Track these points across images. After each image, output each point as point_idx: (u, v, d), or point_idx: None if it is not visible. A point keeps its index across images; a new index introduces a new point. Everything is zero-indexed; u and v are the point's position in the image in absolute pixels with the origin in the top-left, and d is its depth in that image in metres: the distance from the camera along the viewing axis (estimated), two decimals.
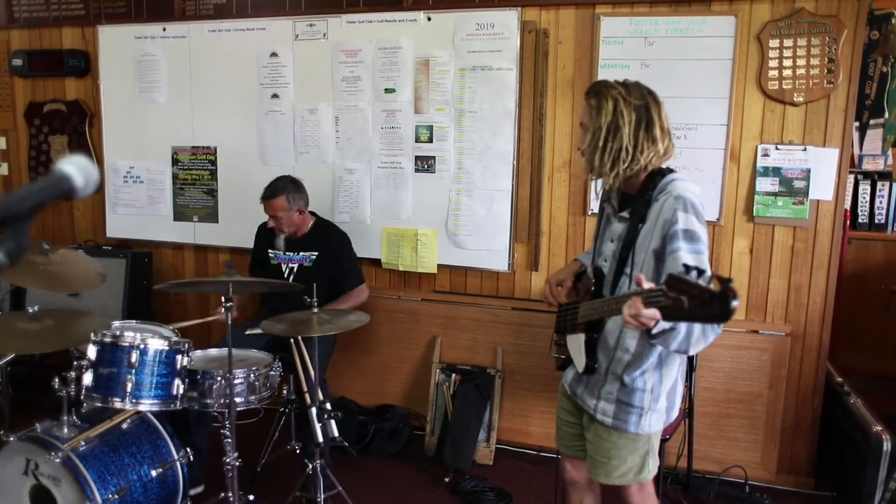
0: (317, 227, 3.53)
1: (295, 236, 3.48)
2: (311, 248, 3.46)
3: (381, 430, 3.74)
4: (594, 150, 1.96)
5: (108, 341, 2.61)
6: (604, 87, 1.99)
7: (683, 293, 1.41)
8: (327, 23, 3.83)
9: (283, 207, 3.33)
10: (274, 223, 3.39)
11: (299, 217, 3.42)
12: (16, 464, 2.63)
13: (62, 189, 0.94)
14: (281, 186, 3.34)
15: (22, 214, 0.87)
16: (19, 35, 4.52)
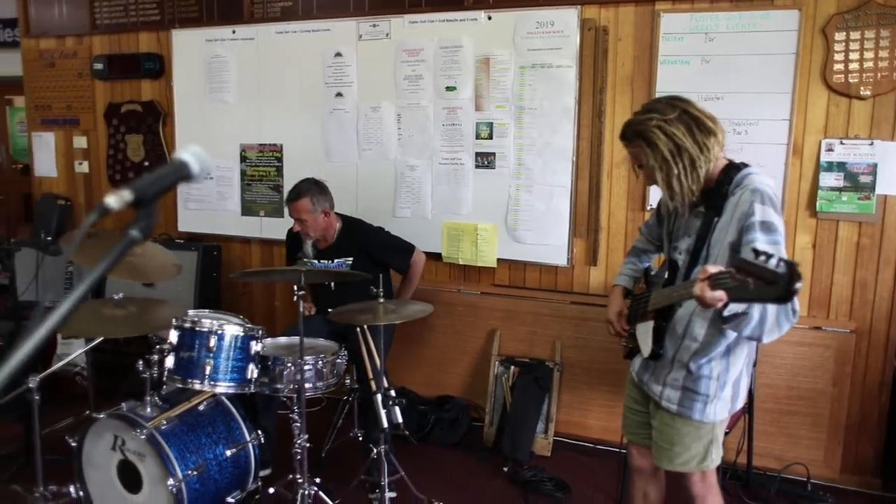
0: (344, 231, 3.50)
1: (325, 243, 3.48)
2: (345, 254, 3.47)
3: (440, 420, 3.83)
4: (671, 179, 1.98)
5: (189, 327, 2.76)
6: (639, 125, 2.02)
7: (749, 275, 1.46)
8: (390, 23, 3.94)
9: (308, 209, 3.32)
10: (300, 226, 3.37)
11: (324, 219, 3.39)
12: (105, 440, 2.80)
13: (182, 174, 1.04)
14: (304, 188, 3.34)
15: (151, 197, 0.98)
16: (100, 41, 4.78)
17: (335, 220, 3.48)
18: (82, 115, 4.93)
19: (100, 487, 2.88)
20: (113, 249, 0.97)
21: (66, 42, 4.91)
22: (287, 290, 4.43)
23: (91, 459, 2.88)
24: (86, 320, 2.98)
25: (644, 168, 2.06)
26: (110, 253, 0.96)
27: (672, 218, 2.23)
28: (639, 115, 2.04)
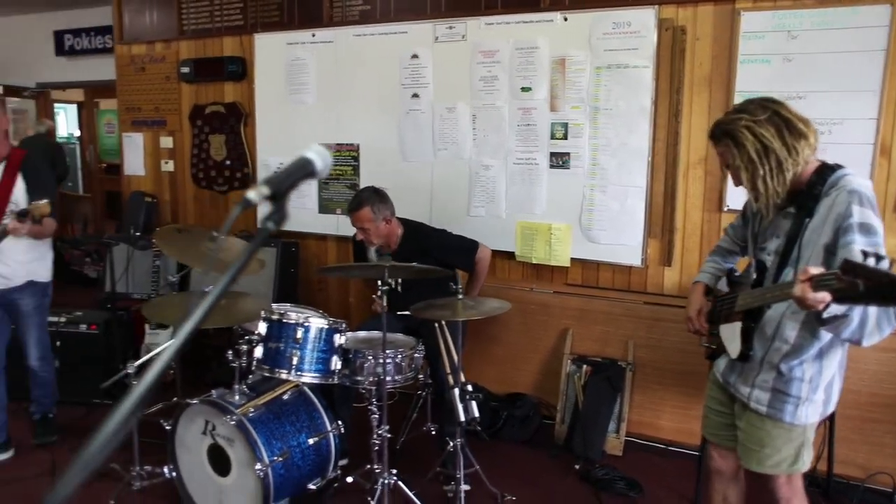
0: (407, 236, 3.54)
1: (388, 249, 3.53)
2: (408, 258, 3.44)
3: (512, 417, 3.88)
4: (756, 180, 1.98)
5: (276, 319, 2.88)
6: (728, 124, 2.02)
7: (859, 276, 1.45)
8: (466, 25, 4.00)
9: (370, 218, 3.36)
10: (362, 235, 3.42)
11: (386, 227, 3.44)
12: (197, 424, 2.96)
13: (307, 171, 1.12)
14: (365, 198, 3.38)
15: (284, 191, 1.06)
16: (187, 45, 5.00)
17: (397, 226, 3.53)
18: (169, 116, 5.17)
19: (191, 469, 3.04)
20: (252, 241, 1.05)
21: (155, 47, 5.16)
22: (360, 286, 4.55)
23: (183, 442, 3.04)
24: (179, 311, 3.16)
25: (730, 168, 2.07)
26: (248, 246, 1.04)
27: (758, 219, 2.22)
28: (729, 114, 2.05)
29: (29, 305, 3.52)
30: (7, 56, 8.86)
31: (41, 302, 3.58)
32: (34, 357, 3.63)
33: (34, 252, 3.47)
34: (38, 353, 3.64)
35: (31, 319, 3.55)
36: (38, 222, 3.08)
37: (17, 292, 3.45)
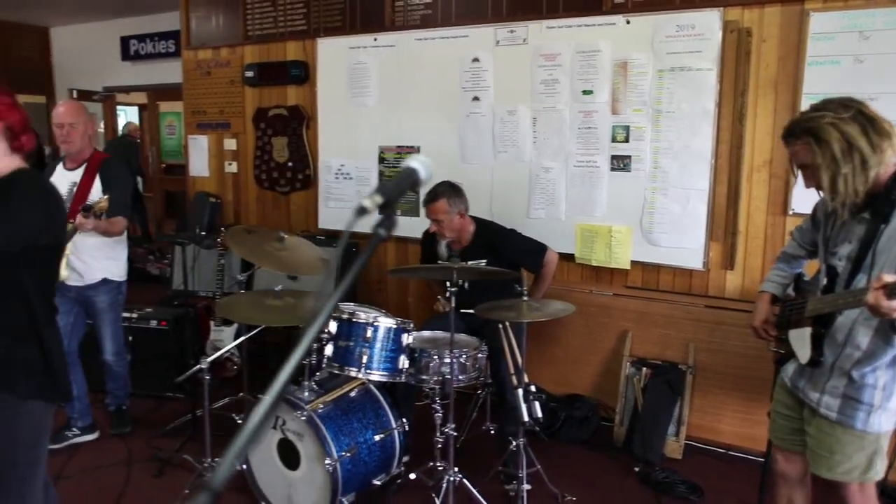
0: (479, 233, 3.59)
1: (459, 245, 3.59)
2: (479, 255, 3.56)
3: (570, 418, 3.90)
4: (837, 178, 1.96)
5: (346, 318, 2.97)
6: (809, 121, 2.00)
7: None
8: (527, 28, 4.04)
9: (445, 210, 3.43)
10: (436, 227, 3.48)
11: (460, 220, 3.50)
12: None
13: (413, 180, 1.18)
14: (441, 190, 3.45)
15: (394, 199, 1.12)
16: (251, 50, 5.14)
17: (469, 222, 3.59)
18: (233, 119, 5.32)
19: (261, 462, 3.14)
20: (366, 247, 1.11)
21: (220, 52, 5.32)
22: (420, 286, 4.63)
23: None
24: (248, 309, 3.27)
25: (808, 167, 2.05)
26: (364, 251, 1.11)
27: (830, 222, 2.20)
28: (807, 113, 2.03)
29: (104, 303, 3.64)
30: (78, 62, 9.22)
31: (115, 299, 3.70)
32: (109, 352, 3.77)
33: (108, 251, 3.61)
34: (112, 349, 3.78)
35: (105, 316, 3.68)
36: (99, 217, 3.12)
37: (92, 290, 3.58)
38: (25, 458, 2.09)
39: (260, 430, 0.89)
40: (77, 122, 3.43)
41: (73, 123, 3.42)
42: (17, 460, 2.07)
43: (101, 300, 3.63)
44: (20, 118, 2.05)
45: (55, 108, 3.50)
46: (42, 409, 2.11)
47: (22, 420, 2.06)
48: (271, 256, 3.42)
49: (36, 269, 2.05)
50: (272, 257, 3.42)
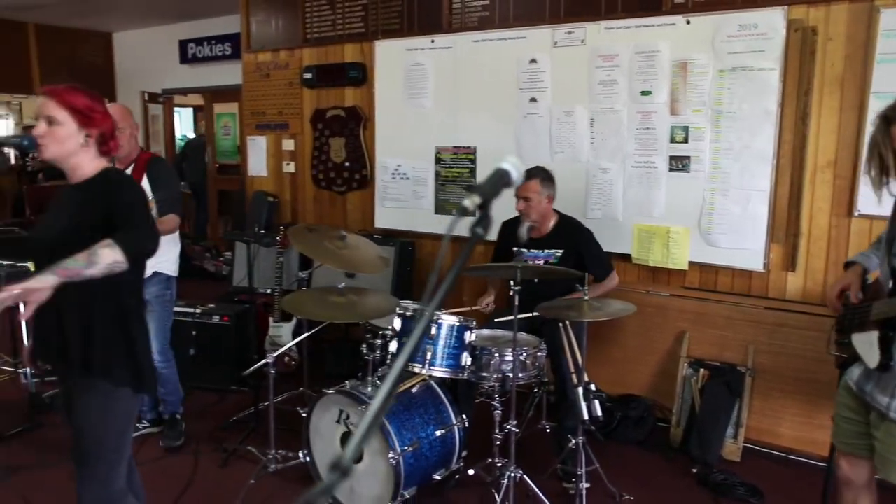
0: (560, 224, 3.68)
1: (538, 233, 3.66)
2: (556, 245, 3.64)
3: (626, 418, 3.91)
4: None
5: (411, 315, 3.03)
6: None
7: None
8: (585, 30, 4.05)
9: (537, 190, 3.53)
10: (523, 207, 3.55)
11: (546, 205, 3.59)
12: (331, 413, 3.14)
13: (505, 181, 1.22)
14: (536, 171, 3.57)
15: (490, 199, 1.17)
16: (310, 53, 5.26)
17: (552, 213, 3.68)
18: (291, 120, 5.45)
19: (324, 454, 3.23)
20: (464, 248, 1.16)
21: (279, 55, 5.45)
22: (475, 284, 4.67)
23: (317, 429, 3.23)
24: (313, 305, 3.36)
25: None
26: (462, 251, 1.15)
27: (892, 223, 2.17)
28: None
29: (151, 295, 3.56)
30: (139, 65, 9.52)
31: (163, 294, 3.67)
32: (154, 350, 3.61)
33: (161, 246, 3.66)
34: (157, 346, 3.63)
35: (149, 308, 3.54)
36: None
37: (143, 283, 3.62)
38: (115, 442, 2.22)
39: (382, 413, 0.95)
40: (124, 127, 3.40)
41: (120, 129, 3.30)
42: (107, 443, 2.20)
43: (149, 292, 3.55)
44: (111, 125, 2.19)
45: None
46: (131, 397, 2.23)
47: (115, 405, 2.18)
48: (332, 254, 3.51)
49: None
50: (333, 255, 3.51)
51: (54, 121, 2.07)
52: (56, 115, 2.06)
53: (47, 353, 2.25)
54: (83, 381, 2.16)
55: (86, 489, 2.21)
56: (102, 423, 2.18)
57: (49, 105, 2.07)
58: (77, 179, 2.16)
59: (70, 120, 2.08)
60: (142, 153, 3.58)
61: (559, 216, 3.72)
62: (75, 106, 2.08)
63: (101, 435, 2.18)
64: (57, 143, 2.07)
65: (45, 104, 2.07)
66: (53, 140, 2.07)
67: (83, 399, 2.17)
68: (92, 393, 2.16)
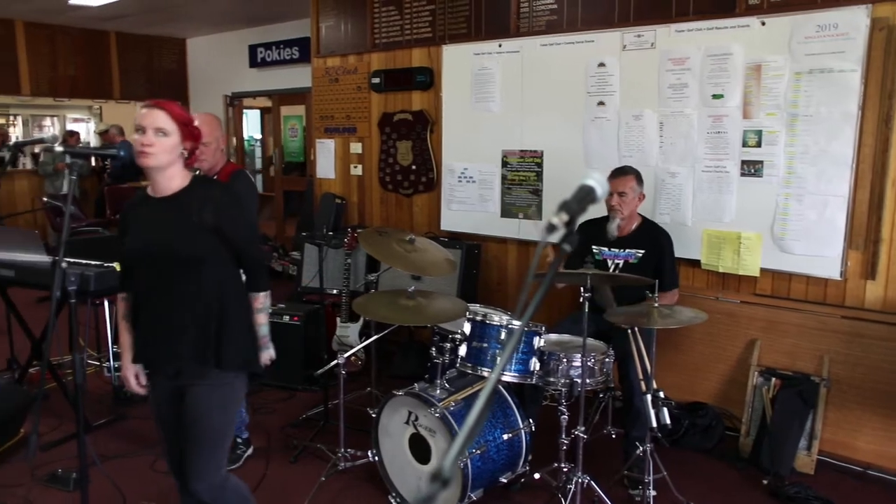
0: (644, 225, 3.71)
1: (622, 232, 3.66)
2: (638, 245, 3.65)
3: (694, 426, 3.86)
4: None
5: (480, 320, 3.07)
6: None
7: None
8: (655, 33, 4.01)
9: (632, 186, 3.55)
10: (617, 202, 3.55)
11: (636, 204, 3.63)
12: (400, 414, 3.21)
13: (591, 198, 1.24)
14: (631, 169, 3.62)
15: (576, 217, 1.19)
16: (378, 57, 5.35)
17: (637, 215, 3.71)
18: (359, 124, 5.55)
19: (392, 454, 3.29)
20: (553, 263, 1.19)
21: (348, 60, 5.56)
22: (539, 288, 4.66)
23: (386, 430, 3.30)
24: (383, 307, 3.42)
25: None
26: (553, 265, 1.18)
27: None
28: None
29: None
30: (211, 69, 9.84)
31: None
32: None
33: None
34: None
35: None
36: None
37: None
38: (229, 428, 2.39)
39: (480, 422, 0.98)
40: (210, 141, 3.38)
41: (206, 143, 3.33)
42: (225, 431, 2.37)
43: None
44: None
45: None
46: (242, 385, 2.41)
47: (227, 392, 2.34)
48: (401, 257, 3.57)
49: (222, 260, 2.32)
50: (402, 257, 3.57)
51: (163, 132, 2.20)
52: (166, 127, 2.20)
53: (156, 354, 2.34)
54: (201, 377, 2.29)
55: (203, 478, 2.34)
56: (225, 414, 2.34)
57: (160, 117, 2.20)
58: (167, 191, 2.28)
59: (177, 132, 2.22)
60: (226, 166, 3.55)
61: (643, 218, 3.74)
62: (182, 119, 2.23)
63: (221, 425, 2.34)
64: (165, 153, 2.20)
65: (155, 115, 2.20)
66: (162, 150, 2.20)
67: (203, 393, 2.30)
68: (210, 385, 2.30)
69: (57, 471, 3.49)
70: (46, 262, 3.78)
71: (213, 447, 2.35)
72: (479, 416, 0.98)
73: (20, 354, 4.56)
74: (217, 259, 2.29)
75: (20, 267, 3.78)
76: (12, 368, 4.60)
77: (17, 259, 3.82)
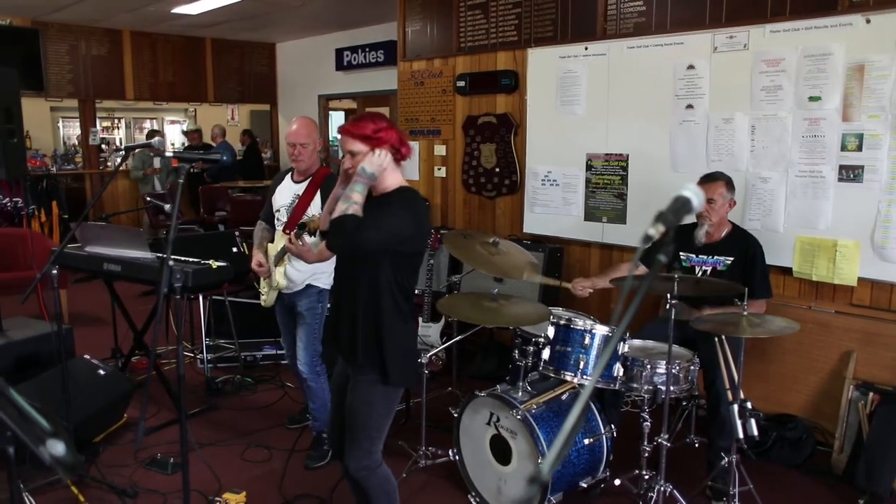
0: (734, 233, 3.61)
1: (710, 238, 3.58)
2: (727, 252, 3.56)
3: (782, 439, 3.74)
4: None
5: (563, 324, 3.08)
6: None
7: None
8: (748, 33, 3.90)
9: (721, 193, 3.47)
10: (704, 208, 3.46)
11: (726, 209, 3.54)
12: (482, 415, 3.25)
13: (687, 209, 1.25)
14: (721, 174, 3.54)
15: (672, 228, 1.20)
16: (463, 61, 5.42)
17: (727, 221, 3.62)
18: (443, 126, 5.63)
19: (473, 454, 3.34)
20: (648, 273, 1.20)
21: (433, 63, 5.64)
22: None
23: (467, 430, 3.35)
24: (468, 309, 3.47)
25: None
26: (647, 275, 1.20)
27: None
28: None
29: (303, 307, 3.56)
30: (299, 72, 10.17)
31: (314, 306, 3.57)
32: (303, 361, 3.61)
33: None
34: (306, 358, 3.60)
35: (302, 320, 3.59)
36: (312, 234, 2.85)
37: (297, 295, 3.57)
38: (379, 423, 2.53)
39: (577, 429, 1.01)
40: (308, 143, 3.50)
41: (304, 144, 3.49)
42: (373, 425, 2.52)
43: (301, 304, 3.57)
44: (397, 135, 2.43)
45: (290, 126, 3.56)
46: (397, 391, 2.56)
47: (385, 398, 2.51)
48: (485, 259, 3.62)
49: (402, 271, 2.44)
50: (486, 260, 3.62)
51: (354, 153, 2.38)
52: (353, 148, 2.38)
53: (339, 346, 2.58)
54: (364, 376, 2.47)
55: (352, 456, 2.54)
56: (375, 411, 2.50)
57: (346, 141, 2.39)
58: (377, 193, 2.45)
59: (362, 145, 2.37)
60: (321, 168, 3.59)
61: (733, 225, 3.65)
62: (364, 134, 2.37)
63: (369, 419, 2.50)
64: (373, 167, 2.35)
65: (342, 141, 2.41)
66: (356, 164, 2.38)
67: (361, 388, 2.49)
68: (368, 386, 2.48)
69: (156, 455, 3.70)
70: (150, 259, 4.01)
71: (362, 435, 2.51)
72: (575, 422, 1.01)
73: (123, 344, 4.85)
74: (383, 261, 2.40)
75: (126, 262, 4.02)
76: (115, 357, 4.89)
77: (124, 255, 4.06)
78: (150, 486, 3.44)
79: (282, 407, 4.47)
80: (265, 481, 3.53)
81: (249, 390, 4.75)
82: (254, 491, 3.37)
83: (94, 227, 4.39)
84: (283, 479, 3.52)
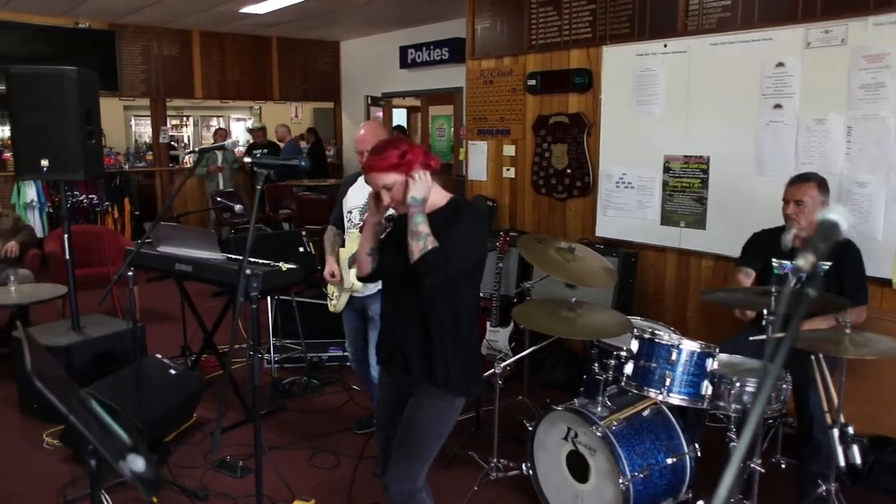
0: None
1: (800, 241, 3.37)
2: (826, 258, 3.31)
3: (881, 463, 3.50)
4: None
5: (648, 338, 2.92)
6: None
7: None
8: (847, 27, 3.65)
9: (812, 194, 3.25)
10: (793, 210, 3.28)
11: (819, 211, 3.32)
12: (559, 429, 3.12)
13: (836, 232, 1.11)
14: (813, 175, 3.32)
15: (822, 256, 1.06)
16: (534, 59, 5.27)
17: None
18: (513, 126, 5.50)
19: (547, 469, 3.21)
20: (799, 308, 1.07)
21: (503, 62, 5.52)
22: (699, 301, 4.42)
23: (543, 444, 3.23)
24: (543, 318, 3.34)
25: None
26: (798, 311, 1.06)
27: None
28: None
29: (375, 311, 3.52)
30: (363, 70, 10.18)
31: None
32: (373, 365, 3.58)
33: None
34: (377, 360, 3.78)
35: (373, 325, 3.58)
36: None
37: (370, 299, 3.55)
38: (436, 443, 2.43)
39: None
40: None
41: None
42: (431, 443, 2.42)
43: (373, 308, 3.55)
44: (421, 150, 2.34)
45: (358, 131, 3.52)
46: (459, 404, 2.44)
47: (449, 413, 2.42)
48: (559, 265, 3.48)
49: (468, 282, 2.37)
50: (560, 266, 3.48)
51: (387, 187, 2.29)
52: (386, 182, 2.29)
53: (391, 361, 2.48)
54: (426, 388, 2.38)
55: (396, 475, 2.43)
56: (436, 427, 2.40)
57: (375, 178, 2.30)
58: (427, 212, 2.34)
59: (395, 175, 2.27)
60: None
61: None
62: (391, 164, 2.27)
63: (428, 436, 2.40)
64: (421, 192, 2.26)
65: (373, 178, 2.31)
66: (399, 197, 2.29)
67: (424, 403, 2.38)
68: (432, 399, 2.37)
69: (226, 457, 3.69)
70: (220, 260, 4.01)
71: (415, 454, 2.41)
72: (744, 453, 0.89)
73: (192, 342, 4.88)
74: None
75: (197, 263, 4.03)
76: (185, 355, 4.94)
77: (195, 256, 4.08)
78: (220, 489, 3.43)
79: (348, 410, 4.43)
80: (333, 488, 3.49)
81: (316, 392, 4.73)
82: (322, 498, 3.33)
83: (167, 227, 4.43)
84: (353, 486, 3.47)
